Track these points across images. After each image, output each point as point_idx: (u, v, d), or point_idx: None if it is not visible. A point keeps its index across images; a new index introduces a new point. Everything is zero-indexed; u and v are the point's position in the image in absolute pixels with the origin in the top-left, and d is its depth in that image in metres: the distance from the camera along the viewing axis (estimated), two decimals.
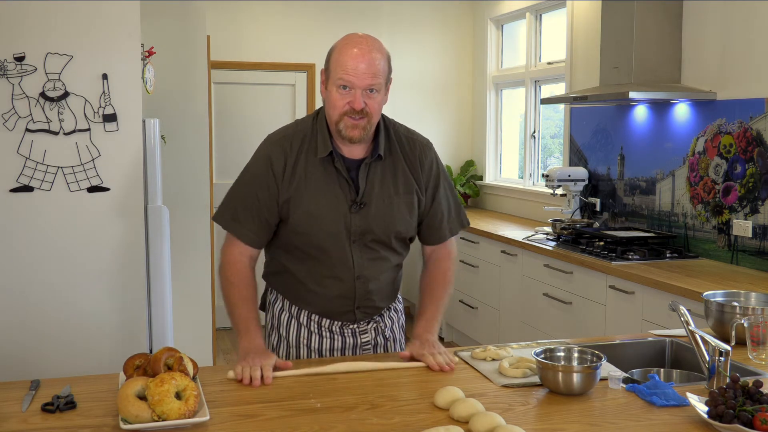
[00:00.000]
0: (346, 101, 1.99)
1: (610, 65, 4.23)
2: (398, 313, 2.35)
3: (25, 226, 2.89)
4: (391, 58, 2.07)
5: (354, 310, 2.19)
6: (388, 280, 2.22)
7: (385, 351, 2.27)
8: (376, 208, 2.10)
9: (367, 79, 1.97)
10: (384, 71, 2.01)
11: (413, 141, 2.19)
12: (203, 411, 1.66)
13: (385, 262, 2.18)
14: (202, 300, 4.37)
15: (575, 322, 4.05)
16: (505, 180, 6.30)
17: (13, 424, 1.65)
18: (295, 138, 2.11)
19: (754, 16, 3.66)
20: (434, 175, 2.19)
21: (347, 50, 1.99)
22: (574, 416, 1.71)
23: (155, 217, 3.08)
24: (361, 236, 2.11)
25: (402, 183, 2.14)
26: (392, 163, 2.13)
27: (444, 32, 6.51)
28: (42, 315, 2.92)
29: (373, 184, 2.10)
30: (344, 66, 1.97)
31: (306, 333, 2.22)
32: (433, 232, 2.24)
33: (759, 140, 3.62)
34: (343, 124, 2.01)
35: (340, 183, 2.08)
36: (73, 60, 2.89)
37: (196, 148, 4.32)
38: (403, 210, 2.14)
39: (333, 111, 2.03)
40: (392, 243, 2.16)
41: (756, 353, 2.12)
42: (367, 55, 1.97)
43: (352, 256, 2.12)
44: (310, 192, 2.08)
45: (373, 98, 2.00)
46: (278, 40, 6.08)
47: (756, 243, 3.66)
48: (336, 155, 2.08)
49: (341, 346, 2.22)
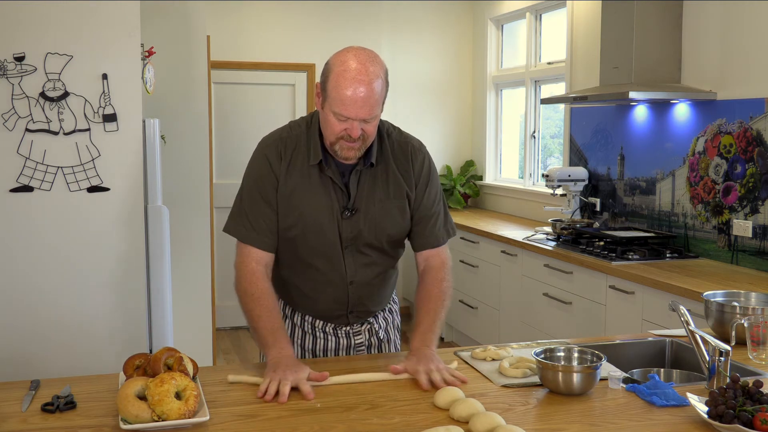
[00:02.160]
0: (343, 128, 1.95)
1: (610, 65, 4.23)
2: (393, 314, 2.34)
3: (25, 227, 2.89)
4: (388, 72, 2.01)
5: (347, 314, 2.19)
6: (381, 285, 2.21)
7: (379, 351, 2.27)
8: (367, 213, 2.08)
9: (365, 113, 1.92)
10: (382, 96, 1.96)
11: (405, 143, 2.16)
12: (203, 411, 1.66)
13: (378, 266, 2.17)
14: (202, 300, 4.37)
15: (575, 322, 4.05)
16: (505, 180, 6.30)
17: (13, 424, 1.65)
18: (289, 142, 2.09)
19: (754, 16, 3.66)
20: (424, 176, 2.16)
21: (345, 80, 1.90)
22: (574, 416, 1.71)
23: (155, 217, 3.08)
24: (353, 241, 2.10)
25: (393, 187, 2.11)
26: (384, 169, 2.11)
27: (444, 32, 6.51)
28: (42, 315, 2.92)
29: (364, 189, 2.08)
30: (342, 99, 1.90)
31: (300, 333, 2.23)
32: (420, 236, 2.18)
33: (759, 140, 3.62)
34: (338, 146, 1.99)
35: (332, 189, 2.07)
36: (72, 60, 2.89)
37: (196, 148, 4.32)
38: (395, 214, 2.12)
39: (329, 134, 1.99)
40: (384, 246, 2.15)
41: (756, 353, 2.12)
42: (365, 85, 1.90)
43: (344, 262, 2.11)
44: (303, 198, 2.06)
45: (371, 124, 1.97)
46: (278, 40, 6.08)
47: (756, 243, 3.66)
48: (327, 163, 2.06)
49: (335, 346, 2.22)
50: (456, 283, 5.54)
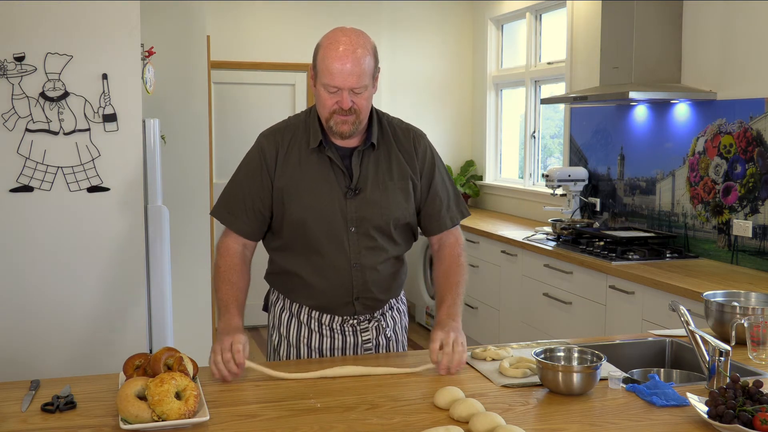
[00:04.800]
0: (335, 101, 2.03)
1: (610, 65, 4.23)
2: (401, 314, 2.34)
3: (25, 226, 2.89)
4: (377, 48, 2.09)
5: (353, 301, 2.18)
6: (387, 272, 2.21)
7: (387, 351, 2.27)
8: (371, 194, 2.13)
9: (352, 82, 2.00)
10: (370, 68, 2.03)
11: (407, 130, 2.24)
12: (203, 411, 1.66)
13: (384, 252, 2.18)
14: (202, 300, 4.37)
15: (575, 322, 4.05)
16: (505, 180, 6.30)
17: (13, 424, 1.65)
18: (287, 131, 2.18)
19: (754, 16, 3.66)
20: (429, 161, 2.22)
21: (332, 52, 2.00)
22: (574, 416, 1.71)
23: (155, 217, 3.08)
24: (358, 223, 2.13)
25: (396, 170, 2.17)
26: (386, 151, 2.17)
27: (444, 32, 6.51)
28: (42, 315, 2.92)
29: (367, 170, 2.14)
30: (330, 69, 1.99)
31: (306, 332, 2.22)
32: (433, 220, 2.24)
33: (759, 140, 3.62)
34: (333, 121, 2.06)
35: (333, 171, 2.12)
36: (73, 60, 2.89)
37: (196, 148, 4.32)
38: (398, 196, 2.16)
39: (323, 109, 2.07)
40: (391, 231, 2.17)
41: (756, 353, 2.12)
42: (351, 55, 1.99)
43: (348, 245, 2.13)
44: (304, 181, 2.12)
45: (361, 95, 2.04)
46: (278, 40, 6.08)
47: (756, 243, 3.66)
48: (327, 145, 2.12)
49: (341, 345, 2.21)
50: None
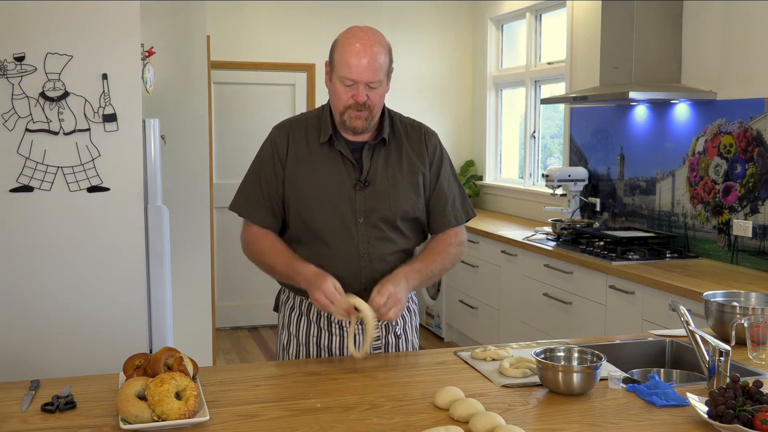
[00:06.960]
0: (350, 95, 2.09)
1: (610, 65, 4.23)
2: (411, 313, 2.35)
3: (25, 226, 2.89)
4: (391, 48, 2.16)
5: (362, 292, 2.16)
6: (396, 265, 2.21)
7: (396, 350, 2.27)
8: (381, 186, 2.17)
9: (368, 76, 2.07)
10: (385, 65, 2.11)
11: (418, 127, 2.29)
12: (203, 411, 1.66)
13: (393, 243, 2.20)
14: (202, 300, 4.37)
15: (575, 322, 4.05)
16: (505, 180, 6.30)
17: (13, 424, 1.65)
18: (299, 123, 2.24)
19: (754, 16, 3.66)
20: (437, 158, 2.27)
21: (350, 47, 2.07)
22: (574, 416, 1.71)
23: (155, 217, 3.08)
24: (367, 215, 2.16)
25: (407, 164, 2.21)
26: (397, 147, 2.22)
27: (444, 32, 6.51)
28: (42, 315, 2.92)
29: (377, 164, 2.18)
30: (347, 63, 2.06)
31: (316, 330, 2.23)
32: (437, 217, 2.27)
33: (759, 140, 3.62)
34: (347, 116, 2.12)
35: (344, 163, 2.17)
36: (73, 60, 2.89)
37: (196, 148, 4.32)
38: (408, 189, 2.19)
39: (338, 103, 2.13)
40: (398, 223, 2.19)
41: (756, 353, 2.12)
42: (368, 50, 2.06)
43: (357, 235, 2.16)
44: (314, 171, 2.16)
45: (375, 91, 2.10)
46: (278, 40, 6.08)
47: (756, 243, 3.66)
48: (338, 139, 2.17)
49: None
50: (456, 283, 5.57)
